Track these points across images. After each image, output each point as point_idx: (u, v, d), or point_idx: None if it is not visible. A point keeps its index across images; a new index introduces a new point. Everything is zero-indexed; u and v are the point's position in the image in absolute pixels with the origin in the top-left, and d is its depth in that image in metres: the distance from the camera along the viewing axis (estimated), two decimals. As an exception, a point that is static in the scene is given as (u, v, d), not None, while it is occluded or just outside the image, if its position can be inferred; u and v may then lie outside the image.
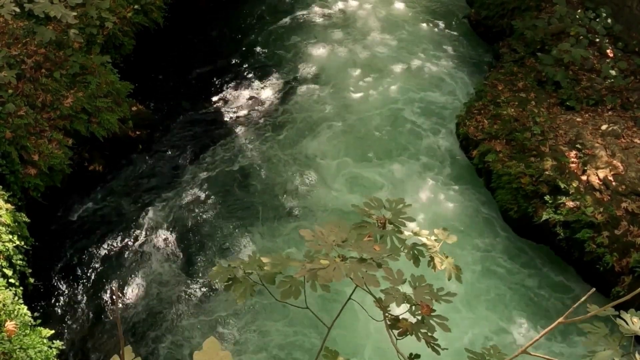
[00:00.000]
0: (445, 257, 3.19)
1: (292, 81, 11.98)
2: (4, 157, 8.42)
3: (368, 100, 11.55)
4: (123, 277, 8.50)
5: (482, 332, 7.95)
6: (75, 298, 8.23)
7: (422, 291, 2.93)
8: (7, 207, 7.84)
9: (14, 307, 6.69)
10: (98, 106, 9.68)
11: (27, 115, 8.87)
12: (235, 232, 9.16)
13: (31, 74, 9.48)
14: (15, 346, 6.20)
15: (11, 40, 9.83)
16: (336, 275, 2.55)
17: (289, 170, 10.17)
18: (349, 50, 12.78)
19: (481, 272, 8.71)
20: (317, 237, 2.77)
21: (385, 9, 14.07)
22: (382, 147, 10.55)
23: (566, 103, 10.13)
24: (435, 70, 12.24)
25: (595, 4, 11.53)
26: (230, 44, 12.96)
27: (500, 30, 12.60)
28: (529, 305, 8.35)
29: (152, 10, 11.84)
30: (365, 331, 7.72)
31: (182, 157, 10.34)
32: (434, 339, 2.81)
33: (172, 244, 8.96)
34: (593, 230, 8.27)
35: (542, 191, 8.83)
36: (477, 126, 10.14)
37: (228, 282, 2.99)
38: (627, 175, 8.66)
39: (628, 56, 10.91)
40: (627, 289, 7.78)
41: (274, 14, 13.77)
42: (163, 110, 11.24)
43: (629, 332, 2.73)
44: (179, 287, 8.42)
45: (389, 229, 3.06)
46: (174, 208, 9.47)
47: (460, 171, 10.17)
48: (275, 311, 8.10)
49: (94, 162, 9.68)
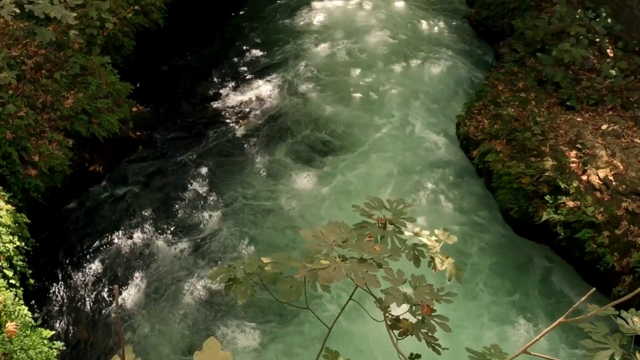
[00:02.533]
0: (445, 258, 3.19)
1: (292, 81, 11.98)
2: (5, 158, 8.42)
3: (368, 100, 11.56)
4: (124, 278, 8.50)
5: (481, 332, 7.95)
6: (76, 299, 8.23)
7: (422, 291, 2.93)
8: (8, 208, 7.84)
9: (15, 308, 6.69)
10: (98, 107, 9.69)
11: (27, 116, 8.87)
12: (236, 232, 9.16)
13: (31, 75, 9.48)
14: (16, 347, 6.21)
15: (11, 41, 9.83)
16: (337, 275, 2.55)
17: (289, 170, 10.17)
18: (349, 50, 12.79)
19: (481, 272, 8.71)
20: (318, 237, 2.77)
21: (386, 9, 14.08)
22: (382, 148, 10.55)
23: (566, 103, 10.13)
24: (435, 71, 12.25)
25: (595, 4, 11.53)
26: (231, 44, 12.96)
27: (501, 30, 12.61)
28: (529, 305, 8.35)
29: (152, 11, 11.85)
30: (366, 331, 7.71)
31: (182, 157, 10.34)
32: (435, 339, 2.81)
33: (173, 244, 8.96)
34: (593, 230, 8.27)
35: (543, 191, 8.83)
36: (478, 126, 10.14)
37: (228, 283, 3.00)
38: (628, 175, 8.66)
39: (628, 56, 10.91)
40: (627, 288, 7.77)
41: (274, 15, 13.78)
42: (163, 111, 11.24)
43: (629, 331, 2.73)
44: (179, 288, 8.42)
45: (389, 229, 3.06)
46: (174, 208, 9.47)
47: (460, 171, 10.17)
48: (275, 311, 8.10)
49: (94, 163, 9.68)
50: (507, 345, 7.60)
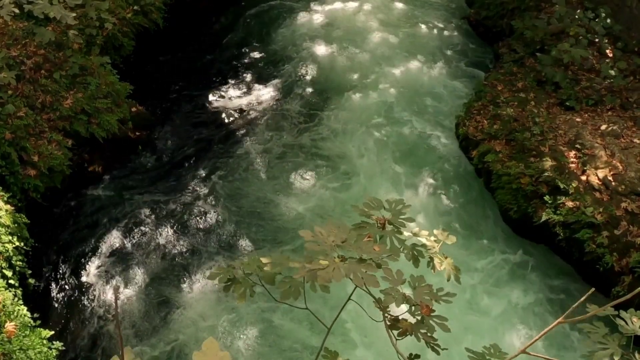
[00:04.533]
0: (444, 258, 3.19)
1: (291, 82, 11.99)
2: (4, 158, 8.42)
3: (367, 100, 11.56)
4: (123, 278, 8.50)
5: (480, 332, 7.94)
6: (75, 299, 8.23)
7: (421, 291, 2.93)
8: (7, 208, 7.84)
9: (14, 308, 6.69)
10: (98, 107, 9.68)
11: (26, 117, 8.87)
12: (236, 232, 9.16)
13: (31, 75, 9.48)
14: (15, 347, 6.20)
15: (11, 41, 9.83)
16: (336, 275, 2.55)
17: (288, 169, 10.17)
18: (347, 50, 12.79)
19: (480, 273, 8.71)
20: (317, 237, 2.77)
21: (385, 10, 14.08)
22: (381, 148, 10.55)
23: (566, 103, 10.13)
24: (435, 71, 12.25)
25: (594, 4, 11.54)
26: (230, 44, 12.96)
27: (500, 30, 12.61)
28: (528, 305, 8.34)
29: (151, 11, 11.84)
30: (365, 332, 7.71)
31: (182, 158, 10.34)
32: (434, 339, 2.81)
33: (172, 244, 8.95)
34: (593, 230, 8.27)
35: (542, 191, 8.83)
36: (477, 126, 10.14)
37: (227, 283, 2.99)
38: (627, 175, 8.67)
39: (628, 56, 10.91)
40: (627, 288, 7.77)
41: (273, 15, 13.77)
42: (163, 111, 11.24)
43: (628, 332, 2.73)
44: (179, 288, 8.42)
45: (388, 229, 3.06)
46: (174, 209, 9.47)
47: (459, 171, 10.17)
48: (275, 312, 8.09)
49: (93, 163, 9.68)
50: (506, 345, 7.60)
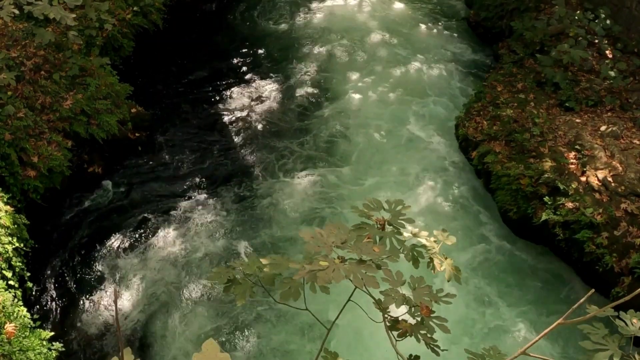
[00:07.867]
0: (444, 259, 3.18)
1: (291, 84, 11.99)
2: (4, 159, 8.41)
3: (367, 102, 11.56)
4: (123, 279, 8.49)
5: (480, 333, 7.94)
6: (75, 300, 8.22)
7: (421, 292, 2.92)
8: (7, 209, 7.84)
9: (14, 309, 6.69)
10: (97, 108, 9.69)
11: (26, 117, 8.87)
12: (236, 232, 9.16)
13: (30, 76, 9.48)
14: (15, 348, 6.20)
15: (10, 42, 9.83)
16: (335, 276, 2.55)
17: (288, 170, 10.17)
18: (348, 51, 12.80)
19: (480, 273, 8.71)
20: (317, 238, 2.77)
21: (385, 11, 14.09)
22: (381, 149, 10.56)
23: (565, 104, 10.13)
24: (434, 72, 12.25)
25: (594, 5, 11.55)
26: (230, 46, 12.97)
27: (500, 31, 12.62)
28: (528, 306, 8.34)
29: (151, 12, 11.86)
30: (365, 332, 7.71)
31: (181, 158, 10.34)
32: (434, 340, 2.80)
33: (172, 245, 8.95)
34: (592, 231, 8.27)
35: (542, 192, 8.83)
36: (477, 127, 10.14)
37: (227, 284, 2.99)
38: (627, 176, 8.67)
39: (627, 57, 10.92)
40: (626, 289, 7.77)
41: (273, 16, 13.78)
42: (162, 112, 11.24)
43: (628, 332, 2.73)
44: (179, 289, 8.41)
45: (388, 230, 3.06)
46: (173, 209, 9.47)
47: (459, 172, 10.17)
48: (275, 312, 8.09)
49: (93, 164, 9.67)
50: (506, 346, 7.60)
